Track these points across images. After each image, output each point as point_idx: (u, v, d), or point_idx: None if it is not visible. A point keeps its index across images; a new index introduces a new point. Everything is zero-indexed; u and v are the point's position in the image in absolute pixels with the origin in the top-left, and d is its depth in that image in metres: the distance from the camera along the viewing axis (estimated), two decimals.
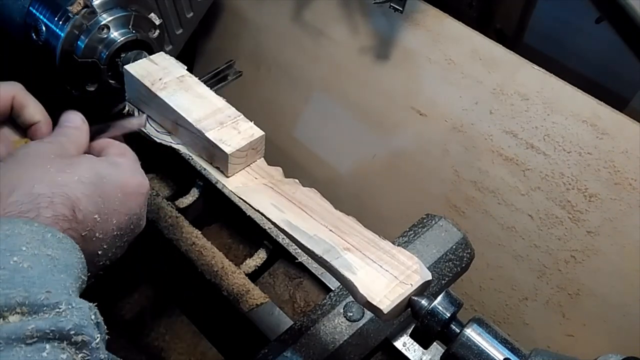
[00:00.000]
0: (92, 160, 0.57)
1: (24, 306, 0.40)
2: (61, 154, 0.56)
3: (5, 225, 0.45)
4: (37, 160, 0.53)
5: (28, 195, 0.49)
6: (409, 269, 0.59)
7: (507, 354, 0.57)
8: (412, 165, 1.20)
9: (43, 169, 0.52)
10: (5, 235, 0.44)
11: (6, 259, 0.42)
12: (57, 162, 0.53)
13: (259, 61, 1.37)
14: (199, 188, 1.09)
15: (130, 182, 0.58)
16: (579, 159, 1.03)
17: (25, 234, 0.45)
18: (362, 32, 1.22)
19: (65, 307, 0.42)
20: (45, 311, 0.41)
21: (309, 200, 0.67)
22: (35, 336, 0.39)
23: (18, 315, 0.40)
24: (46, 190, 0.50)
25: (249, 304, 0.90)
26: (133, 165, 0.61)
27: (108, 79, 0.84)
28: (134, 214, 0.58)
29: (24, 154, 0.55)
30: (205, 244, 0.96)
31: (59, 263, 0.45)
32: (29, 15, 0.80)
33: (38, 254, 0.44)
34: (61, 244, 0.47)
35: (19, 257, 0.43)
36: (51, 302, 0.41)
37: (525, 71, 1.08)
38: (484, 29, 1.16)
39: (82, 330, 0.41)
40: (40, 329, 0.39)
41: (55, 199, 0.50)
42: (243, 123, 0.71)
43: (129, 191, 0.57)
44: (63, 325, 0.40)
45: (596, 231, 1.03)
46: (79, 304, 0.43)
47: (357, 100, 1.25)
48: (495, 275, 1.14)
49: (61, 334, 0.40)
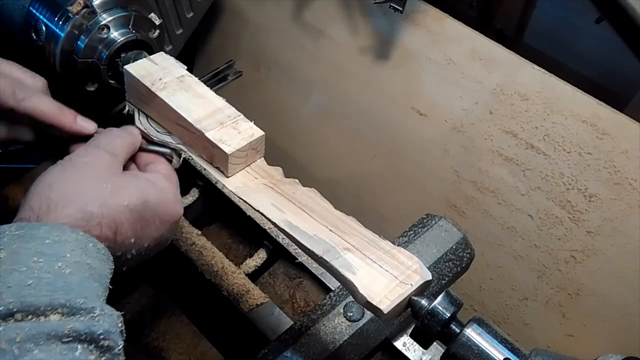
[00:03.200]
0: (141, 184, 0.60)
1: (65, 307, 0.44)
2: (115, 171, 0.60)
3: (55, 231, 0.49)
4: (95, 176, 0.57)
5: (81, 211, 0.53)
6: (409, 269, 0.59)
7: (507, 354, 0.57)
8: (412, 165, 1.20)
9: (99, 186, 0.56)
10: (54, 241, 0.48)
11: (52, 263, 0.47)
12: (112, 181, 0.57)
13: (259, 61, 1.37)
14: (199, 188, 1.09)
15: (168, 211, 0.61)
16: (579, 159, 1.03)
17: (71, 241, 0.49)
18: (362, 32, 1.23)
19: (99, 313, 0.46)
20: (82, 314, 0.45)
21: (309, 200, 0.67)
22: (71, 336, 0.43)
23: (59, 315, 0.44)
24: (97, 210, 0.54)
25: (249, 304, 0.90)
26: (175, 192, 0.64)
27: (108, 79, 0.84)
28: (164, 239, 0.62)
29: (83, 163, 0.58)
30: (205, 244, 0.96)
31: (95, 272, 0.50)
32: (29, 15, 0.80)
33: (79, 261, 0.49)
34: (99, 254, 0.52)
35: (63, 263, 0.47)
36: (88, 306, 0.45)
37: (525, 71, 1.08)
38: (484, 29, 1.16)
39: (110, 336, 0.45)
40: (76, 330, 0.43)
41: (104, 220, 0.54)
42: (243, 123, 0.71)
43: (166, 219, 0.61)
44: (95, 329, 0.44)
45: (596, 231, 1.03)
46: (110, 311, 0.47)
47: (357, 100, 1.25)
48: (495, 275, 1.14)
49: (92, 337, 0.44)
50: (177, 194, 0.64)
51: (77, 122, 0.67)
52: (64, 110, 0.67)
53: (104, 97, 0.86)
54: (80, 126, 0.67)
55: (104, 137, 0.64)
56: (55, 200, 0.53)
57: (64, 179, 0.56)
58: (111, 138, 0.64)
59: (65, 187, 0.55)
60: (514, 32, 1.51)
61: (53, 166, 0.58)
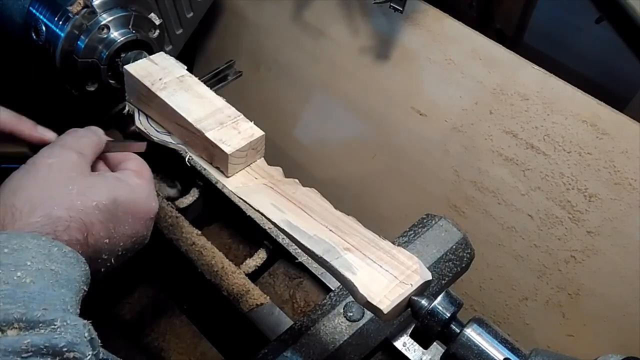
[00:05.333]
0: (110, 183, 0.58)
1: (22, 322, 0.42)
2: (82, 171, 0.57)
3: (14, 239, 0.47)
4: (60, 178, 0.55)
5: (47, 217, 0.51)
6: (409, 269, 0.59)
7: (507, 354, 0.57)
8: (412, 165, 1.20)
9: (65, 189, 0.54)
10: (13, 249, 0.46)
11: (10, 273, 0.44)
12: (79, 183, 0.55)
13: (259, 61, 1.37)
14: (199, 188, 1.09)
15: (141, 207, 0.60)
16: (579, 159, 1.03)
17: (32, 248, 0.47)
18: (362, 32, 1.22)
19: (60, 324, 0.43)
20: (41, 327, 0.43)
21: (309, 200, 0.67)
22: (30, 350, 0.41)
23: (16, 330, 0.42)
24: (64, 214, 0.52)
25: (249, 304, 0.90)
26: (147, 187, 0.62)
27: (108, 79, 0.84)
28: (140, 236, 0.61)
29: (47, 165, 0.56)
30: (205, 244, 0.96)
31: (62, 277, 0.47)
32: (29, 15, 0.80)
33: (42, 268, 0.46)
34: (66, 258, 0.49)
35: (23, 272, 0.45)
36: (47, 318, 0.43)
37: (525, 71, 1.08)
38: (484, 29, 1.16)
39: (74, 348, 0.43)
40: (35, 344, 0.41)
41: (72, 223, 0.52)
42: (243, 123, 0.71)
43: (139, 216, 0.60)
44: (57, 342, 0.42)
45: (596, 231, 1.03)
46: (73, 321, 0.45)
47: (357, 100, 1.25)
48: (495, 275, 1.14)
49: (54, 350, 0.42)
50: (150, 190, 0.62)
51: (37, 130, 0.64)
52: (22, 119, 0.64)
53: (104, 97, 0.86)
54: (39, 134, 0.64)
55: (70, 136, 0.62)
56: (19, 207, 0.51)
57: (28, 185, 0.53)
58: (77, 137, 0.62)
59: (29, 192, 0.52)
60: (514, 32, 1.51)
61: (16, 171, 0.55)
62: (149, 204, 0.61)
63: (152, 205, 0.61)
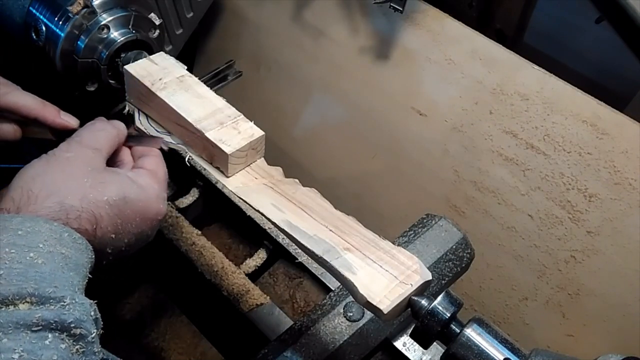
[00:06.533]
0: (122, 180, 0.60)
1: (33, 297, 0.44)
2: (97, 166, 0.60)
3: (28, 222, 0.49)
4: (76, 170, 0.58)
5: (61, 204, 0.54)
6: (409, 269, 0.59)
7: (507, 354, 0.57)
8: (412, 165, 1.20)
9: (80, 181, 0.57)
10: (27, 232, 0.48)
11: (24, 254, 0.47)
12: (93, 176, 0.58)
13: (259, 61, 1.38)
14: (199, 188, 1.09)
15: (150, 209, 0.61)
16: (579, 159, 1.03)
17: (45, 232, 0.49)
18: (362, 32, 1.22)
19: (70, 302, 0.46)
20: (51, 303, 0.45)
21: (309, 200, 0.67)
22: (40, 324, 0.43)
23: (27, 304, 0.44)
24: (77, 203, 0.55)
25: (249, 304, 0.90)
26: (159, 189, 0.64)
27: (108, 79, 0.84)
28: (145, 235, 0.62)
29: (66, 158, 0.59)
30: (205, 244, 0.96)
31: (70, 262, 0.50)
32: (29, 15, 0.80)
33: (53, 251, 0.49)
34: (75, 244, 0.52)
35: (35, 254, 0.47)
36: (57, 295, 0.45)
37: (525, 71, 1.08)
38: (484, 29, 1.16)
39: (81, 324, 0.45)
40: (45, 319, 0.43)
41: (83, 214, 0.55)
42: (243, 123, 0.71)
43: (147, 217, 0.61)
44: (65, 317, 0.45)
45: (596, 231, 1.03)
46: (81, 300, 0.47)
47: (357, 100, 1.25)
48: (495, 275, 1.14)
49: (63, 325, 0.44)
50: (160, 192, 0.64)
51: (61, 116, 0.68)
52: (46, 104, 0.68)
53: (104, 97, 0.86)
54: (63, 120, 0.68)
55: (86, 131, 0.64)
56: (36, 192, 0.54)
57: (46, 172, 0.56)
58: (94, 132, 0.64)
59: (46, 180, 0.55)
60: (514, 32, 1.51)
61: (37, 160, 0.58)
62: (156, 206, 0.62)
63: (160, 207, 0.63)
